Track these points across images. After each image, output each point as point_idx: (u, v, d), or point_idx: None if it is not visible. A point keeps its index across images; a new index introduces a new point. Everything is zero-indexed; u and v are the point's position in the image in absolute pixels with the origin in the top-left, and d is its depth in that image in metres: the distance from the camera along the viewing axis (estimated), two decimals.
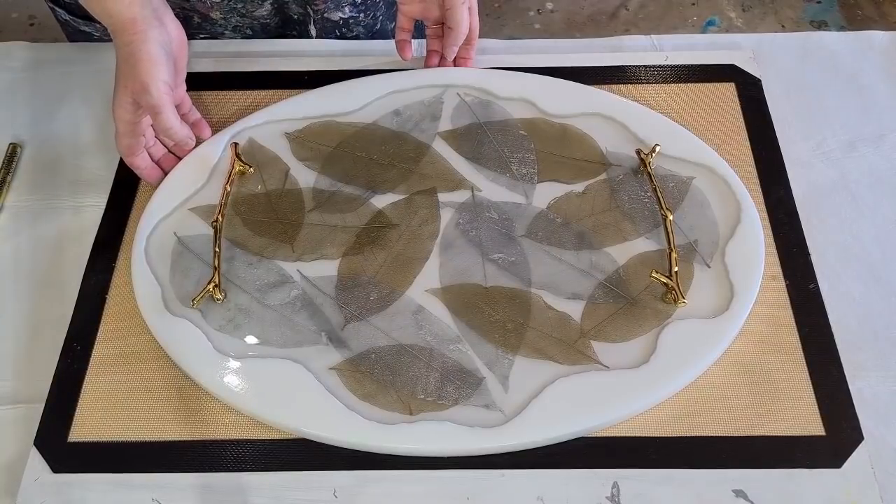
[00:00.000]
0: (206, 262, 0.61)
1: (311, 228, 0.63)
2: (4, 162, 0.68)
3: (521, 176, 0.65)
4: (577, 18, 1.77)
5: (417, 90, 0.71)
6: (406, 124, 0.69)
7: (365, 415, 0.53)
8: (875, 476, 0.50)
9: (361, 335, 0.57)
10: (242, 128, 0.69)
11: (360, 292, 0.59)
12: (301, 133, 0.69)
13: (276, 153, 0.68)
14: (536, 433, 0.52)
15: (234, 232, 0.63)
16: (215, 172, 0.67)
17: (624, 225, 0.62)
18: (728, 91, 0.70)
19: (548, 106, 0.69)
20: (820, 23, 1.68)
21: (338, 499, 0.51)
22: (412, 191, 0.65)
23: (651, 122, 0.67)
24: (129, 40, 0.60)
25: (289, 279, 0.60)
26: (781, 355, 0.56)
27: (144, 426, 0.54)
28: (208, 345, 0.56)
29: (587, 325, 0.57)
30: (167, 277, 0.60)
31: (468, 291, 0.59)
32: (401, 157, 0.67)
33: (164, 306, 0.58)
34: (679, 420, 0.53)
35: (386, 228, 0.62)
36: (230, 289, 0.60)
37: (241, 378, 0.55)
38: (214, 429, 0.54)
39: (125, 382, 0.56)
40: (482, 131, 0.68)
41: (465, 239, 0.61)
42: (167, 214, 0.64)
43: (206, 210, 0.64)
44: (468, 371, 0.55)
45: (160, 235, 0.63)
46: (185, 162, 0.67)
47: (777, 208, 0.63)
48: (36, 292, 0.61)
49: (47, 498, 0.52)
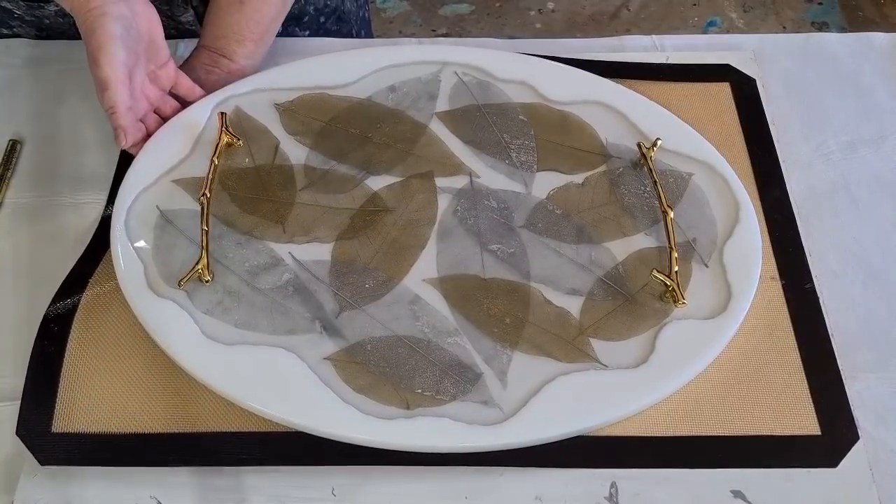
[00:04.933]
0: (190, 239, 0.58)
1: (302, 208, 0.60)
2: (4, 158, 0.66)
3: (520, 163, 0.63)
4: (578, 18, 1.76)
5: (414, 65, 0.69)
6: (402, 102, 0.66)
7: (361, 408, 0.51)
8: (873, 477, 0.51)
9: (356, 324, 0.55)
10: (229, 94, 0.66)
11: (355, 279, 0.57)
12: (292, 105, 0.66)
13: (266, 125, 0.65)
14: (536, 432, 0.51)
15: (222, 208, 0.60)
16: (200, 142, 0.63)
17: (623, 220, 0.61)
18: (723, 91, 0.69)
19: (548, 91, 0.67)
20: (821, 24, 1.69)
21: (336, 497, 0.50)
22: (409, 173, 0.62)
23: (651, 113, 0.66)
24: (85, 18, 0.57)
25: (280, 262, 0.58)
26: (778, 355, 0.56)
27: (131, 417, 0.52)
28: (195, 328, 0.54)
29: (586, 321, 0.56)
30: (150, 254, 0.57)
31: (466, 283, 0.57)
32: (397, 137, 0.64)
33: (147, 285, 0.55)
34: (677, 420, 0.53)
35: (381, 212, 0.60)
36: (218, 269, 0.57)
37: (231, 365, 0.52)
38: (206, 420, 0.52)
39: (106, 368, 0.54)
40: (481, 114, 0.66)
41: (464, 227, 0.60)
42: (148, 185, 0.61)
43: (191, 183, 0.61)
44: (466, 366, 0.54)
45: (141, 208, 0.60)
46: (168, 129, 0.63)
47: (773, 208, 0.63)
48: (35, 289, 0.59)
49: (45, 495, 0.50)
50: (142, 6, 0.60)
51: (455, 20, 1.76)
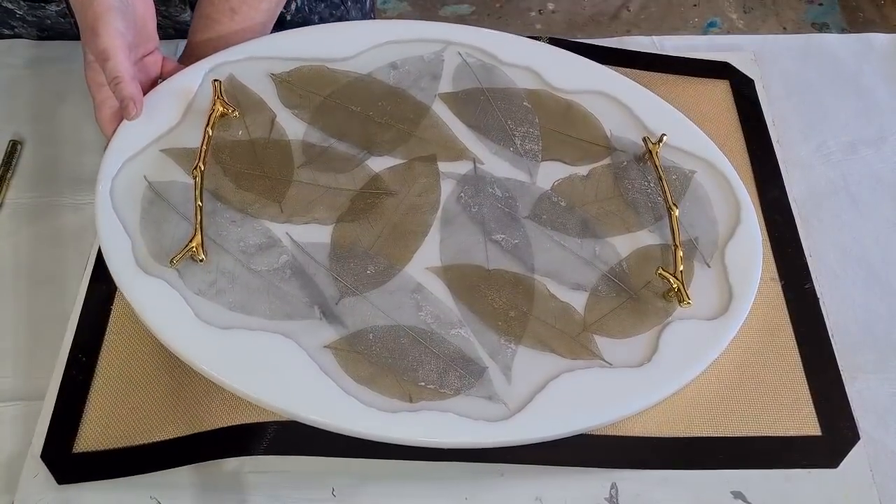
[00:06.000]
0: (181, 215, 0.55)
1: (300, 187, 0.58)
2: (4, 159, 0.66)
3: (524, 152, 0.62)
4: (579, 19, 1.74)
5: (416, 43, 0.66)
6: (404, 80, 0.64)
7: (363, 400, 0.49)
8: (873, 478, 0.51)
9: (357, 312, 0.53)
10: (222, 61, 0.62)
11: (356, 264, 0.55)
12: (289, 76, 0.62)
13: (261, 96, 0.61)
14: (541, 429, 0.50)
15: (215, 182, 0.57)
16: (190, 110, 0.60)
17: (627, 215, 0.60)
18: (723, 91, 0.69)
19: (552, 78, 0.65)
20: (821, 25, 1.70)
21: (336, 497, 0.48)
22: (411, 156, 0.60)
23: (655, 107, 0.65)
24: (84, 1, 0.54)
25: (277, 242, 0.55)
26: (778, 356, 0.56)
27: (145, 431, 0.51)
28: (188, 310, 0.51)
29: (590, 317, 0.55)
30: (137, 229, 0.54)
31: (470, 273, 0.56)
32: (399, 117, 0.62)
33: (135, 262, 0.52)
34: (677, 421, 0.53)
35: (383, 195, 0.58)
36: (211, 248, 0.54)
37: (227, 351, 0.50)
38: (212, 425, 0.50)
39: (130, 394, 0.53)
40: (485, 98, 0.64)
41: (468, 215, 0.58)
42: (135, 154, 0.57)
43: (181, 154, 0.58)
44: (470, 359, 0.52)
45: (127, 178, 0.56)
46: (156, 94, 0.59)
47: (772, 209, 0.63)
48: (36, 289, 0.59)
49: (45, 495, 0.49)
50: None
51: (455, 21, 1.74)
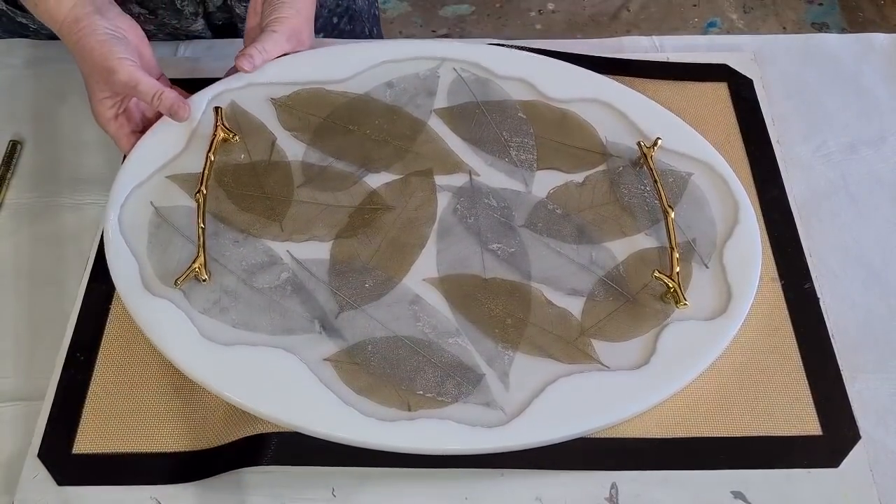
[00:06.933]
0: (186, 237, 0.57)
1: (300, 206, 0.59)
2: (4, 159, 0.66)
3: (520, 162, 0.63)
4: (579, 19, 1.75)
5: (411, 61, 0.68)
6: (400, 98, 0.66)
7: (363, 410, 0.51)
8: (873, 478, 0.51)
9: (357, 324, 0.54)
10: (224, 89, 0.64)
11: (355, 278, 0.56)
12: (289, 100, 0.65)
13: (262, 120, 0.63)
14: (539, 434, 0.51)
15: (218, 206, 0.59)
16: (194, 137, 0.62)
17: (623, 219, 0.61)
18: (721, 92, 0.69)
19: (547, 88, 0.66)
20: (821, 25, 1.69)
21: (336, 497, 0.49)
22: (408, 171, 0.62)
23: (651, 112, 0.66)
24: (76, 39, 0.58)
25: (278, 260, 0.57)
26: (778, 356, 0.56)
27: (146, 437, 0.52)
28: (193, 329, 0.53)
29: (587, 322, 0.56)
30: (144, 252, 0.56)
31: (467, 282, 0.57)
32: (395, 134, 0.63)
33: (142, 285, 0.54)
34: (677, 421, 0.53)
35: (380, 210, 0.60)
36: (215, 268, 0.56)
37: (229, 366, 0.52)
38: (217, 438, 0.52)
39: (129, 393, 0.54)
40: (480, 111, 0.65)
41: (464, 226, 0.59)
42: (142, 181, 0.60)
43: (186, 179, 0.60)
44: (468, 367, 0.53)
45: (135, 205, 0.59)
46: (161, 124, 0.62)
47: (771, 208, 0.63)
48: (36, 290, 0.59)
49: (45, 495, 0.50)
50: (126, 23, 0.60)
51: (455, 21, 1.76)
